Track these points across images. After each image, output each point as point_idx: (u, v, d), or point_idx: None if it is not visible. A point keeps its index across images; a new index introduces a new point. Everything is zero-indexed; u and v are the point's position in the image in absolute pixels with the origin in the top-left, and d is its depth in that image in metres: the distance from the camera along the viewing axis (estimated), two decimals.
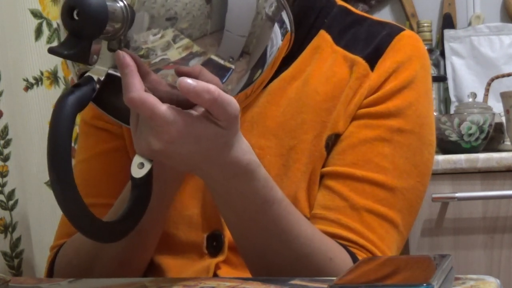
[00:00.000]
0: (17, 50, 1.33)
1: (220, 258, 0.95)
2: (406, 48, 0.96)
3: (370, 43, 0.96)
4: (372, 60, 0.95)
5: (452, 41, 2.19)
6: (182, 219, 0.96)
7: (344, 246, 0.90)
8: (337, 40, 0.97)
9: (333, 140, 0.94)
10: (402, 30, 0.98)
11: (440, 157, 1.66)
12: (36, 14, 1.36)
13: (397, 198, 0.94)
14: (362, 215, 0.92)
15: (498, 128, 1.85)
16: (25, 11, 1.34)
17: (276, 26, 0.77)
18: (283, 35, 0.79)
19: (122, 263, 0.92)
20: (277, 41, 0.77)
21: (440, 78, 2.16)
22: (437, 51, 2.20)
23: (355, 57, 0.95)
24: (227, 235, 0.95)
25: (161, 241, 0.96)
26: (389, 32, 0.97)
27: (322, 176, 0.95)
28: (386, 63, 0.95)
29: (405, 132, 0.94)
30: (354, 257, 0.89)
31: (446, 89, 2.18)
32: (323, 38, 0.98)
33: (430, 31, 2.18)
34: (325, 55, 0.97)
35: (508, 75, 1.98)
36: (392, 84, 0.95)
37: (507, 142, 1.87)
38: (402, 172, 0.94)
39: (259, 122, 0.95)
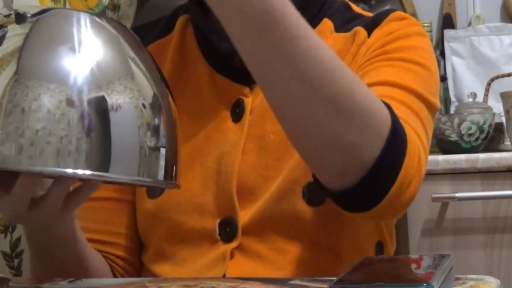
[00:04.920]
0: None
1: (234, 243, 0.95)
2: (402, 22, 0.99)
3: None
4: (370, 29, 0.98)
5: (452, 41, 2.19)
6: (193, 207, 0.96)
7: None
8: (337, 29, 1.01)
9: None
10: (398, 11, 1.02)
11: (440, 157, 1.66)
12: None
13: (412, 97, 0.89)
14: (383, 88, 0.87)
15: (498, 128, 1.85)
16: None
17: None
18: None
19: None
20: None
21: (440, 78, 2.16)
22: (437, 51, 2.20)
23: (355, 28, 0.98)
24: (240, 220, 0.95)
25: (172, 230, 0.97)
26: (386, 10, 1.01)
27: None
28: (381, 29, 0.98)
29: (408, 61, 0.93)
30: (389, 107, 0.80)
31: (446, 89, 2.18)
32: (326, 24, 1.01)
33: (430, 31, 2.18)
34: (327, 39, 0.99)
35: (508, 75, 1.98)
36: (388, 38, 0.96)
37: (507, 142, 1.87)
38: (413, 83, 0.90)
39: (269, 108, 0.95)
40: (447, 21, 2.23)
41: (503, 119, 1.83)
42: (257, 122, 0.97)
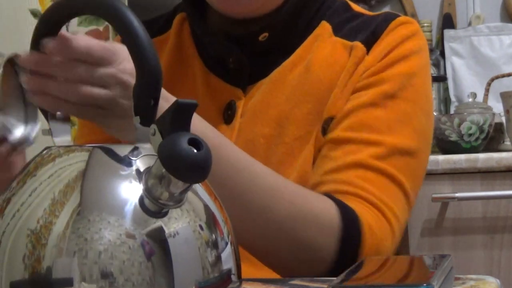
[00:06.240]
0: (17, 50, 1.33)
1: None
2: (401, 31, 0.97)
3: (366, 30, 0.98)
4: (369, 45, 0.97)
5: (452, 41, 2.19)
6: None
7: (329, 195, 0.86)
8: (336, 32, 0.99)
9: (329, 123, 0.94)
10: (398, 16, 1.00)
11: (440, 157, 1.66)
12: (36, 14, 1.36)
13: (396, 156, 0.91)
14: (356, 170, 0.89)
15: (498, 128, 1.85)
16: (25, 11, 1.34)
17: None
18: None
19: None
20: None
21: (440, 78, 2.16)
22: (437, 51, 2.20)
23: (354, 43, 0.97)
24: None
25: None
26: (385, 18, 0.99)
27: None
28: (380, 45, 0.96)
29: (398, 97, 0.94)
30: (340, 203, 0.85)
31: (446, 89, 2.18)
32: (324, 27, 1.00)
33: (430, 31, 2.18)
34: (325, 43, 0.98)
35: (508, 75, 1.98)
36: (385, 61, 0.95)
37: (507, 142, 1.87)
38: (399, 135, 0.92)
39: (262, 110, 0.96)
40: (447, 21, 2.23)
41: (503, 119, 1.83)
42: (248, 125, 0.97)
